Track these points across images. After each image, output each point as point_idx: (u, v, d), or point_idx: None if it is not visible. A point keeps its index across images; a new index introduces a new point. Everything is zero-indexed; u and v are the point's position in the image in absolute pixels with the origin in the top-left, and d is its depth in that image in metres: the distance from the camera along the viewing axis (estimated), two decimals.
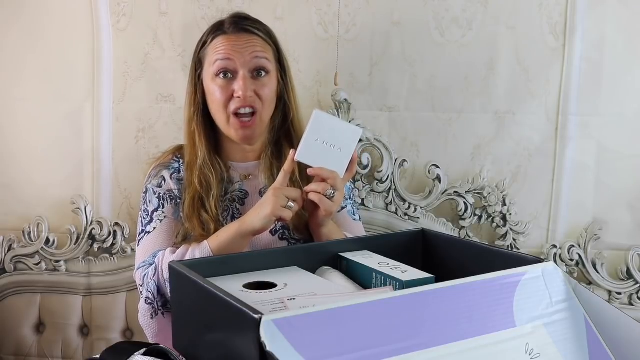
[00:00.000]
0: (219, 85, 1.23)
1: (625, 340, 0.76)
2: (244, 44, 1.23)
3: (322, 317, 0.63)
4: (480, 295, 0.72)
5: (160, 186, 1.28)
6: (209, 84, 1.25)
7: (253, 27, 1.26)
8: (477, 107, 1.60)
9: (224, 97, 1.22)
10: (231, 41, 1.23)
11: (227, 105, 1.23)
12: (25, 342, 1.65)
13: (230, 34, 1.25)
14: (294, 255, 0.97)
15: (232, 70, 1.23)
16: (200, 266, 0.86)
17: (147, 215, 1.26)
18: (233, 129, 1.24)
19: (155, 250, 1.21)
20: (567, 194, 1.61)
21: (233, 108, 1.22)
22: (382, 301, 0.67)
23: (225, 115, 1.23)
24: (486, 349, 0.69)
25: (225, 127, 1.25)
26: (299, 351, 0.61)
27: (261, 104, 1.24)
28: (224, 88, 1.22)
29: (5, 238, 1.62)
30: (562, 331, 0.75)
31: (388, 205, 1.61)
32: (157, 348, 0.82)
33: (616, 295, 1.61)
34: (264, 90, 1.24)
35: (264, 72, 1.24)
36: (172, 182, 1.27)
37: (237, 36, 1.24)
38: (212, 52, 1.24)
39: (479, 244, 1.11)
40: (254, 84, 1.23)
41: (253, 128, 1.24)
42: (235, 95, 1.22)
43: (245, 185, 1.29)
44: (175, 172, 1.29)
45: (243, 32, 1.25)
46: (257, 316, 0.61)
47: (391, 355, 0.64)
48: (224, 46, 1.23)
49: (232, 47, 1.23)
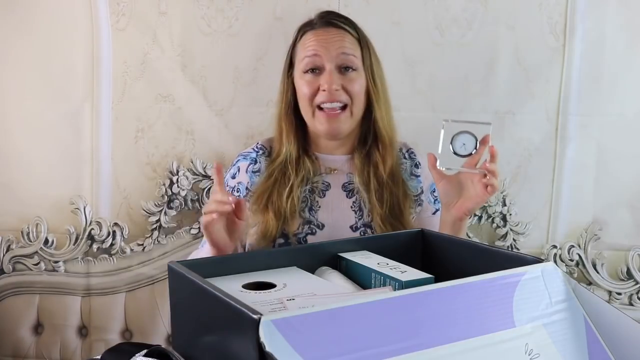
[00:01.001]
0: (306, 81, 1.24)
1: (625, 341, 0.75)
2: (330, 38, 1.24)
3: (322, 318, 0.63)
4: (480, 295, 0.72)
5: (234, 177, 1.30)
6: (298, 81, 1.27)
7: (341, 22, 1.27)
8: (477, 107, 1.60)
9: (310, 91, 1.23)
10: (319, 35, 1.25)
11: (312, 99, 1.24)
12: (23, 343, 1.65)
13: (317, 28, 1.26)
14: (293, 255, 0.97)
15: (319, 66, 1.24)
16: (200, 266, 0.86)
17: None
18: (318, 122, 1.24)
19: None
20: (567, 194, 1.60)
21: (319, 101, 1.23)
22: (382, 301, 0.67)
23: (311, 109, 1.24)
24: (485, 349, 0.69)
25: (311, 121, 1.26)
26: (298, 351, 0.60)
27: (350, 99, 1.24)
28: (310, 83, 1.24)
29: (4, 238, 1.62)
30: (561, 331, 0.75)
31: None
32: (158, 349, 0.82)
33: (616, 295, 1.61)
34: (352, 85, 1.24)
35: (351, 68, 1.25)
36: (245, 175, 1.29)
37: (325, 30, 1.25)
38: (301, 49, 1.26)
39: (479, 244, 1.10)
40: (341, 78, 1.23)
41: (340, 121, 1.24)
42: (321, 88, 1.22)
43: (328, 177, 1.29)
44: (252, 164, 1.30)
45: (331, 27, 1.26)
46: (257, 316, 0.61)
47: (390, 355, 0.64)
48: (311, 42, 1.25)
49: (319, 42, 1.24)
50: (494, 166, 1.12)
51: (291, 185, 1.23)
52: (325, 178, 1.28)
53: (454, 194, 1.17)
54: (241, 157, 1.33)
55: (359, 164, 1.28)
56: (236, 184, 1.29)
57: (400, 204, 1.26)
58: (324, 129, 1.24)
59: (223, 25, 1.58)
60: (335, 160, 1.31)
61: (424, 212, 1.33)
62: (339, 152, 1.31)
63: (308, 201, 1.26)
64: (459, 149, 1.13)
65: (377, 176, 1.27)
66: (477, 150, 1.13)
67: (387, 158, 1.28)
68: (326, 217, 1.25)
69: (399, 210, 1.25)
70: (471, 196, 1.14)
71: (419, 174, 1.33)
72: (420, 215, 1.32)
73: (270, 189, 1.24)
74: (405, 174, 1.32)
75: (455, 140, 1.13)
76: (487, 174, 1.12)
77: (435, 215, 1.32)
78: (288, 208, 1.21)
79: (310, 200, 1.26)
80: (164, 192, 1.60)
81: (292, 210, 1.22)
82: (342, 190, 1.28)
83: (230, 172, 1.32)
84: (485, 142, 1.13)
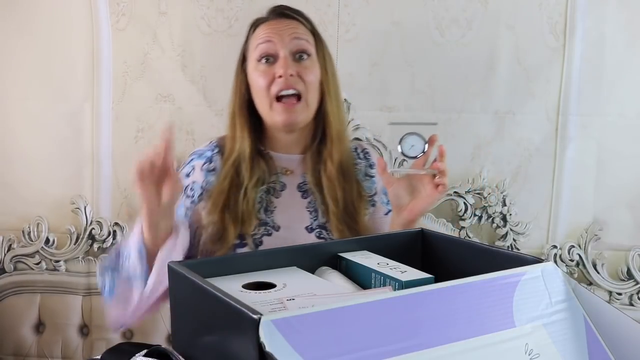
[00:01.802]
0: (261, 71, 1.20)
1: (625, 341, 0.75)
2: (284, 26, 1.22)
3: (322, 318, 0.63)
4: (480, 296, 0.72)
5: (188, 175, 1.25)
6: (252, 73, 1.23)
7: (293, 13, 1.26)
8: (477, 107, 1.60)
9: (266, 81, 1.19)
10: (271, 25, 1.23)
11: (269, 88, 1.19)
12: (24, 342, 1.65)
13: (270, 20, 1.24)
14: (293, 255, 0.97)
15: (273, 54, 1.20)
16: (199, 266, 0.86)
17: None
18: (276, 114, 1.20)
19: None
20: (567, 194, 1.61)
21: (275, 90, 1.18)
22: (382, 301, 0.67)
23: (268, 100, 1.20)
24: (485, 349, 0.69)
25: (268, 114, 1.21)
26: (298, 351, 0.60)
27: (305, 87, 1.20)
28: (265, 72, 1.20)
29: (5, 238, 1.62)
30: (561, 331, 0.75)
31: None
32: (158, 349, 0.82)
33: (616, 295, 1.61)
34: (307, 74, 1.20)
35: (306, 54, 1.22)
36: (200, 173, 1.24)
37: (277, 21, 1.24)
38: (254, 40, 1.24)
39: (479, 244, 1.10)
40: (296, 65, 1.20)
41: (297, 112, 1.20)
42: (277, 75, 1.18)
43: (284, 178, 1.26)
44: (207, 162, 1.26)
45: (283, 17, 1.24)
46: (256, 316, 0.61)
47: (390, 355, 0.64)
48: (264, 31, 1.22)
49: (272, 29, 1.22)
50: (443, 165, 1.12)
51: (245, 187, 1.20)
52: (281, 178, 1.26)
53: (405, 196, 1.17)
54: (195, 155, 1.27)
55: (311, 162, 1.26)
56: (190, 183, 1.25)
57: (354, 203, 1.24)
58: (282, 119, 1.19)
59: (223, 25, 1.58)
60: (289, 159, 1.28)
61: (377, 212, 1.31)
62: (293, 151, 1.28)
63: (264, 202, 1.23)
64: (407, 150, 1.14)
65: (327, 173, 1.24)
66: (426, 151, 1.13)
67: (335, 153, 1.25)
68: (281, 219, 1.23)
69: (354, 209, 1.23)
70: (422, 197, 1.15)
71: (373, 175, 1.31)
72: (374, 215, 1.30)
73: (226, 191, 1.21)
74: (360, 175, 1.30)
75: (404, 142, 1.14)
76: (437, 174, 1.12)
77: (387, 216, 1.29)
78: (244, 210, 1.19)
79: (265, 201, 1.23)
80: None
81: (248, 212, 1.19)
82: (297, 191, 1.26)
83: (183, 170, 1.26)
84: (432, 142, 1.14)
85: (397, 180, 1.16)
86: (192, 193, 1.24)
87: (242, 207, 1.19)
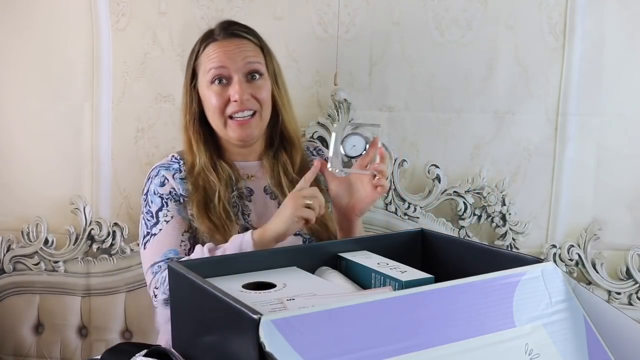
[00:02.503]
0: (214, 92, 1.24)
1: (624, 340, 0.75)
2: (235, 49, 1.25)
3: (321, 318, 0.63)
4: (480, 296, 0.72)
5: (163, 185, 1.26)
6: (205, 92, 1.26)
7: (242, 32, 1.28)
8: (476, 107, 1.60)
9: (220, 102, 1.24)
10: (223, 47, 1.25)
11: (223, 110, 1.25)
12: (24, 342, 1.65)
13: (221, 40, 1.26)
14: (293, 255, 0.97)
15: (226, 77, 1.25)
16: (200, 266, 0.86)
17: (151, 217, 1.25)
18: (231, 131, 1.25)
19: (166, 250, 1.20)
20: (566, 194, 1.61)
21: (230, 112, 1.24)
22: (382, 301, 0.67)
23: (222, 120, 1.25)
24: (485, 349, 0.69)
25: (222, 131, 1.27)
26: (298, 351, 0.60)
27: (259, 105, 1.26)
28: (219, 94, 1.24)
29: (4, 238, 1.62)
30: (561, 331, 0.75)
31: (387, 205, 1.61)
32: (158, 349, 0.82)
33: (616, 295, 1.61)
34: (261, 93, 1.26)
35: (258, 74, 1.26)
36: (174, 182, 1.26)
37: (229, 41, 1.26)
38: (206, 60, 1.26)
39: (479, 244, 1.10)
40: (249, 87, 1.25)
41: (252, 127, 1.26)
42: (232, 99, 1.23)
43: (249, 183, 1.30)
44: (177, 172, 1.28)
45: (233, 37, 1.27)
46: (256, 316, 0.61)
47: (390, 355, 0.64)
48: (216, 53, 1.25)
49: (225, 53, 1.24)
50: (382, 166, 1.17)
51: (218, 191, 1.23)
52: (247, 184, 1.30)
53: (345, 196, 1.22)
54: (162, 168, 1.28)
55: (268, 166, 1.31)
56: (170, 190, 1.25)
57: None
58: (237, 136, 1.25)
59: None
60: (248, 166, 1.32)
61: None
62: (250, 159, 1.33)
63: (239, 206, 1.27)
64: (349, 150, 1.18)
65: (287, 175, 1.30)
66: (367, 151, 1.17)
67: (296, 156, 1.32)
68: (258, 221, 1.26)
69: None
70: (361, 197, 1.19)
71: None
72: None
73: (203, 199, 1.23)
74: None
75: (346, 142, 1.18)
76: (377, 174, 1.17)
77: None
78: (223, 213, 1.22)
79: (240, 205, 1.27)
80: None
81: (227, 215, 1.22)
82: (265, 194, 1.31)
83: (153, 182, 1.27)
84: (374, 143, 1.18)
85: (338, 179, 1.22)
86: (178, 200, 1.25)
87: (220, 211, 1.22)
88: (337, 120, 1.59)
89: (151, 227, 1.24)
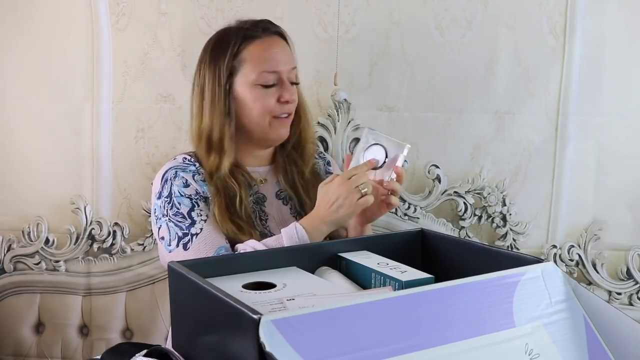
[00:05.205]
0: (263, 93, 1.24)
1: (624, 341, 0.75)
2: (282, 51, 1.27)
3: (322, 318, 0.63)
4: (480, 296, 0.72)
5: (187, 186, 1.22)
6: (247, 92, 1.24)
7: (283, 32, 1.30)
8: (476, 107, 1.60)
9: (271, 103, 1.24)
10: (273, 48, 1.26)
11: (271, 109, 1.25)
12: (24, 342, 1.65)
13: (265, 37, 1.26)
14: (293, 255, 0.97)
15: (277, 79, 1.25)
16: (200, 266, 0.86)
17: (183, 218, 1.20)
18: (273, 130, 1.26)
19: (217, 247, 1.17)
20: (567, 194, 1.60)
21: (279, 112, 1.25)
22: (382, 301, 0.67)
23: (267, 120, 1.25)
24: (485, 349, 0.69)
25: (265, 130, 1.26)
26: (298, 351, 0.60)
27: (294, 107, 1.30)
28: (270, 94, 1.25)
29: (5, 238, 1.62)
30: (561, 331, 0.75)
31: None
32: (158, 349, 0.82)
33: (616, 295, 1.61)
34: (297, 97, 1.29)
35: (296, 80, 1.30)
36: (195, 183, 1.23)
37: (273, 40, 1.27)
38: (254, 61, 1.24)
39: (479, 244, 1.11)
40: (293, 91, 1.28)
41: (287, 126, 1.29)
42: (283, 100, 1.25)
43: (262, 189, 1.31)
44: (195, 174, 1.25)
45: (276, 35, 1.28)
46: (256, 316, 0.61)
47: (390, 355, 0.64)
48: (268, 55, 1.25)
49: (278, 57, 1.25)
50: (397, 185, 1.19)
51: (240, 195, 1.23)
52: (260, 190, 1.30)
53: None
54: (178, 169, 1.24)
55: (282, 164, 1.33)
56: (195, 190, 1.23)
57: None
58: (277, 135, 1.27)
59: (223, 25, 1.57)
60: (259, 171, 1.33)
61: None
62: (263, 164, 1.34)
63: (256, 212, 1.27)
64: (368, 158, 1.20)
65: (300, 174, 1.32)
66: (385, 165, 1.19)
67: (308, 159, 1.34)
68: (274, 226, 1.26)
69: None
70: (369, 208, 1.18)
71: (331, 171, 1.39)
72: None
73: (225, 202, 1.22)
74: (321, 172, 1.39)
75: (368, 151, 1.20)
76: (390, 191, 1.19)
77: None
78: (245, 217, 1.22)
79: (257, 211, 1.27)
80: None
81: (249, 219, 1.22)
82: (277, 199, 1.31)
83: (175, 183, 1.22)
84: (394, 160, 1.19)
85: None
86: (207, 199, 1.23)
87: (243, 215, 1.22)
88: (337, 120, 1.59)
89: (187, 227, 1.19)
